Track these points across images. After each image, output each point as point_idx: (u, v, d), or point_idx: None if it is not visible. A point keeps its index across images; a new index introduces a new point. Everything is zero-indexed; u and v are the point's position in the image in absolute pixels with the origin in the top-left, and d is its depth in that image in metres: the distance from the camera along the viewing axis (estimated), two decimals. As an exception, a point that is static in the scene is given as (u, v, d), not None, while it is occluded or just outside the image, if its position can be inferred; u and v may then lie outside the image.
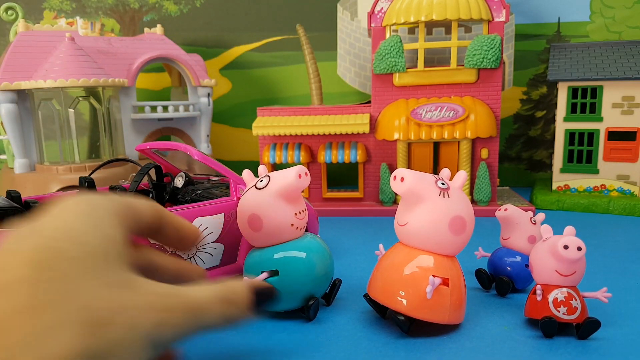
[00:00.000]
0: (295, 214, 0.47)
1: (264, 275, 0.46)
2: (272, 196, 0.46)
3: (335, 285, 0.52)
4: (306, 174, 0.47)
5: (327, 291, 0.51)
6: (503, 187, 1.08)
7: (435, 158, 0.93)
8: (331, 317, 0.49)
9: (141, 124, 1.01)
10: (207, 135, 1.08)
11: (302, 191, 0.50)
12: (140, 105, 1.00)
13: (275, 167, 1.00)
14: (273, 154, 0.94)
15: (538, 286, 0.44)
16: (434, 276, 0.43)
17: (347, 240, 0.76)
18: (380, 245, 0.51)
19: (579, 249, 0.42)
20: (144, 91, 1.20)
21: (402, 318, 0.44)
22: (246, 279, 0.44)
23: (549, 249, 0.44)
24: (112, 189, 0.56)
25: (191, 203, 0.56)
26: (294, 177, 0.46)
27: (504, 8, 0.85)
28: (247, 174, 0.51)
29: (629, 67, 0.91)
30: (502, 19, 0.85)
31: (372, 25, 0.89)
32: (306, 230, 0.64)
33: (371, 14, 0.89)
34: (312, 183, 0.96)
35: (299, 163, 0.94)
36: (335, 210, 0.93)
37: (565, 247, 0.42)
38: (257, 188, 0.47)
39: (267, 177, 0.47)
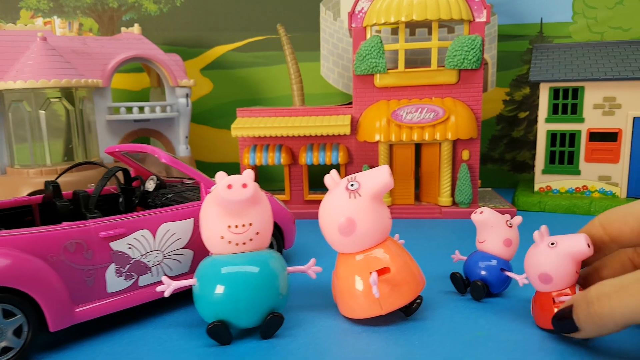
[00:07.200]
0: (229, 226, 0.43)
1: None
2: (208, 202, 0.45)
3: (275, 320, 0.45)
4: (244, 186, 0.42)
5: (264, 324, 0.45)
6: (486, 188, 1.08)
7: (417, 159, 0.93)
8: (306, 322, 0.48)
9: (117, 125, 0.99)
10: (186, 137, 1.06)
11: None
12: (116, 107, 0.98)
13: (256, 169, 0.99)
14: (253, 156, 0.92)
15: (565, 296, 0.42)
16: (374, 272, 0.44)
17: (327, 243, 0.74)
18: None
19: (589, 245, 0.43)
20: (123, 92, 1.18)
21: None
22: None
23: (568, 254, 0.42)
24: (75, 194, 0.54)
25: (161, 207, 0.55)
26: (221, 186, 0.42)
27: (485, 8, 0.84)
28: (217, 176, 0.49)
29: (610, 68, 0.91)
30: (483, 19, 0.85)
31: (353, 25, 0.88)
32: (279, 245, 0.63)
33: (351, 14, 0.88)
34: (293, 185, 0.95)
35: (280, 165, 0.93)
36: (316, 213, 0.91)
37: (589, 245, 0.42)
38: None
39: None
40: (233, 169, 0.52)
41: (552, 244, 0.43)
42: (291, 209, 0.88)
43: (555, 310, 0.42)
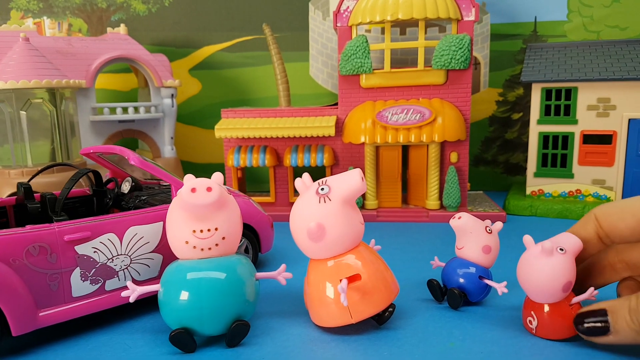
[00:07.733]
0: (194, 231, 0.42)
1: None
2: (173, 206, 0.44)
3: (240, 328, 0.43)
4: (208, 189, 0.41)
5: (229, 332, 0.43)
6: (477, 191, 1.06)
7: (405, 162, 0.91)
8: (284, 329, 0.47)
9: (101, 126, 0.98)
10: (171, 138, 1.05)
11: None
12: (100, 107, 0.98)
13: (243, 170, 0.98)
14: (237, 157, 0.91)
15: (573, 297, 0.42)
16: (345, 279, 0.43)
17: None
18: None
19: None
20: (111, 92, 1.17)
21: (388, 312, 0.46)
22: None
23: (573, 256, 0.41)
24: (43, 196, 0.53)
25: (134, 210, 0.53)
26: (185, 190, 0.41)
27: (474, 7, 0.82)
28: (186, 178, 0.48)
29: (605, 68, 0.88)
30: (472, 18, 0.83)
31: (338, 24, 0.87)
32: (254, 250, 0.61)
33: (337, 13, 0.86)
34: (278, 187, 0.94)
35: (264, 166, 0.91)
36: (302, 216, 0.89)
37: None
38: None
39: None
40: (220, 170, 0.51)
41: (561, 249, 0.41)
42: (276, 212, 0.86)
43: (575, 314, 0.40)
